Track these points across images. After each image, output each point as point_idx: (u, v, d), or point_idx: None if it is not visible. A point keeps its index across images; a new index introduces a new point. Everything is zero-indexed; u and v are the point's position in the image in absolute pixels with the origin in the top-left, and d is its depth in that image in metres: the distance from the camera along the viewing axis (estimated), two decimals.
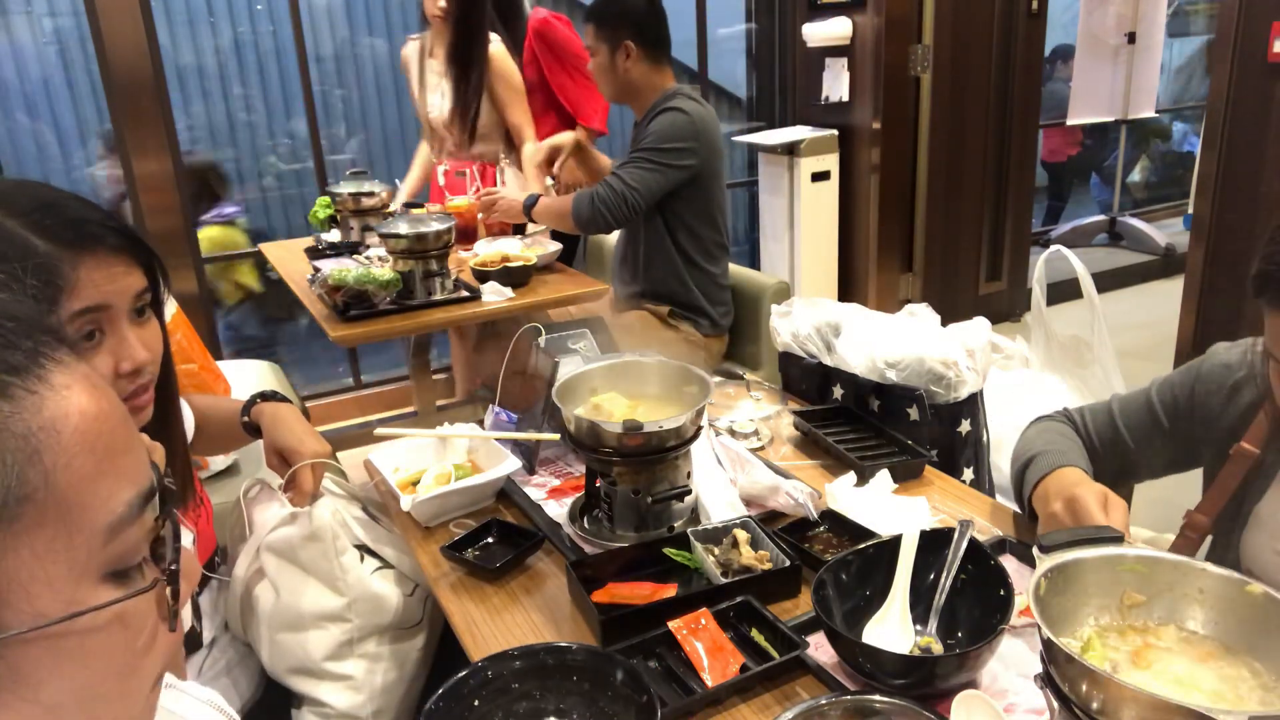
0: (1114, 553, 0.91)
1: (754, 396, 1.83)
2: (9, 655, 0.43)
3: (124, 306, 1.04)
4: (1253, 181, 3.01)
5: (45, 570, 0.44)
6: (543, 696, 1.01)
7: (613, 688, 1.00)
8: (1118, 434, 1.34)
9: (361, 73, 4.80)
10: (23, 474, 0.43)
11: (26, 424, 0.43)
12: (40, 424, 0.44)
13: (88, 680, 0.46)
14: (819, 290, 4.31)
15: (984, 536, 1.25)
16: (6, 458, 0.42)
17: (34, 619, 0.43)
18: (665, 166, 2.46)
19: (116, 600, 0.46)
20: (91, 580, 0.46)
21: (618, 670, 1.00)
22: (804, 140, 4.18)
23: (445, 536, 1.38)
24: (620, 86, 2.58)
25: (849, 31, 4.15)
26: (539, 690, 1.02)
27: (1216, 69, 3.07)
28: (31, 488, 0.43)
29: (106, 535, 0.46)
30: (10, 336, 0.45)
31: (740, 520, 1.30)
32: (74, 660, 0.45)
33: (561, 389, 1.38)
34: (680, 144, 2.46)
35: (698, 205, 2.55)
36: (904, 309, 1.83)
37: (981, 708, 0.94)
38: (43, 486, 0.43)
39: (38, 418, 0.44)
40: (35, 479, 0.43)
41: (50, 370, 0.46)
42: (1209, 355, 1.28)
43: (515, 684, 1.01)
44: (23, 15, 3.97)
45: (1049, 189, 6.64)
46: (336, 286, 2.31)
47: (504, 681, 1.01)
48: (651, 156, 2.47)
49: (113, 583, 0.47)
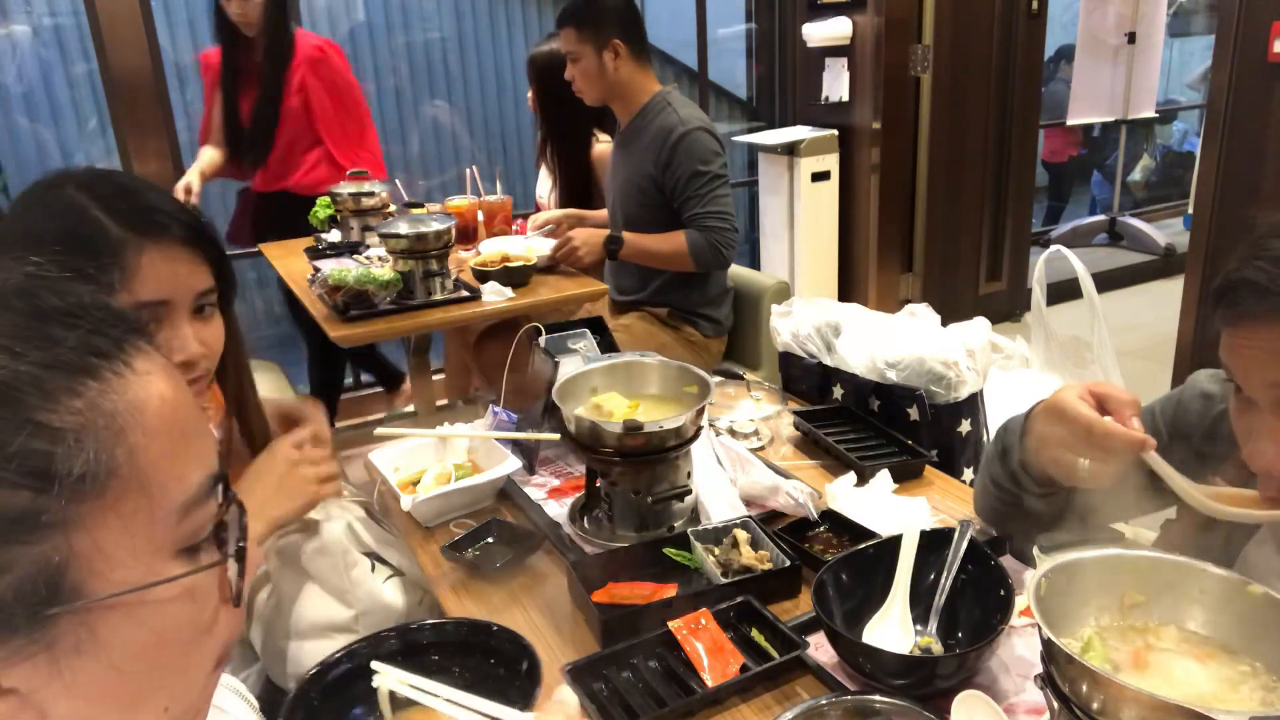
0: (1114, 553, 0.91)
1: (754, 396, 1.83)
2: (90, 619, 0.46)
3: (185, 303, 1.06)
4: (1253, 181, 3.01)
5: (128, 542, 0.47)
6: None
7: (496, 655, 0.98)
8: None
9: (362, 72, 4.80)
10: (110, 450, 0.46)
11: (114, 404, 0.47)
12: (125, 405, 0.48)
13: (157, 649, 0.50)
14: (819, 290, 4.31)
15: (984, 536, 1.25)
16: (99, 434, 0.46)
17: (116, 586, 0.47)
18: (725, 180, 2.49)
19: (191, 572, 0.50)
20: (165, 555, 0.49)
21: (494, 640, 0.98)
22: (804, 140, 4.18)
23: (445, 536, 1.38)
24: (608, 87, 2.54)
25: (849, 31, 4.15)
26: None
27: (1216, 69, 3.07)
28: (118, 464, 0.47)
29: (180, 513, 0.50)
30: (100, 324, 0.49)
31: (740, 520, 1.30)
32: (146, 628, 0.49)
33: (561, 389, 1.38)
34: (720, 160, 2.49)
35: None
36: (904, 309, 1.83)
37: (981, 708, 0.94)
38: (127, 463, 0.47)
39: (123, 399, 0.48)
40: (121, 456, 0.47)
41: (133, 356, 0.50)
42: (1189, 384, 1.19)
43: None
44: (23, 15, 3.97)
45: (1049, 189, 6.64)
46: (336, 286, 2.32)
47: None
48: (717, 180, 2.48)
49: (184, 559, 0.50)
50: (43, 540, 0.44)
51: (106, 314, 0.50)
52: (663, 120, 2.49)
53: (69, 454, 0.45)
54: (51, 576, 0.45)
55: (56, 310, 0.48)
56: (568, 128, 3.02)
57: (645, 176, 2.51)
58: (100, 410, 0.46)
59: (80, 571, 0.46)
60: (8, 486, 0.43)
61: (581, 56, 2.50)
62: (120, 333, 0.50)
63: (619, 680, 1.05)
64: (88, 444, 0.45)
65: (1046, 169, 6.42)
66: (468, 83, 5.10)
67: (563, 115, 2.98)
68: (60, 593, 0.45)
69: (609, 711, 1.00)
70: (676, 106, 2.50)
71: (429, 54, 4.98)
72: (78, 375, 0.47)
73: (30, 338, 0.46)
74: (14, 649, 0.45)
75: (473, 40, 5.08)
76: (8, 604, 0.44)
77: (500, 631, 0.98)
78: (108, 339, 0.49)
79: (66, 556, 0.45)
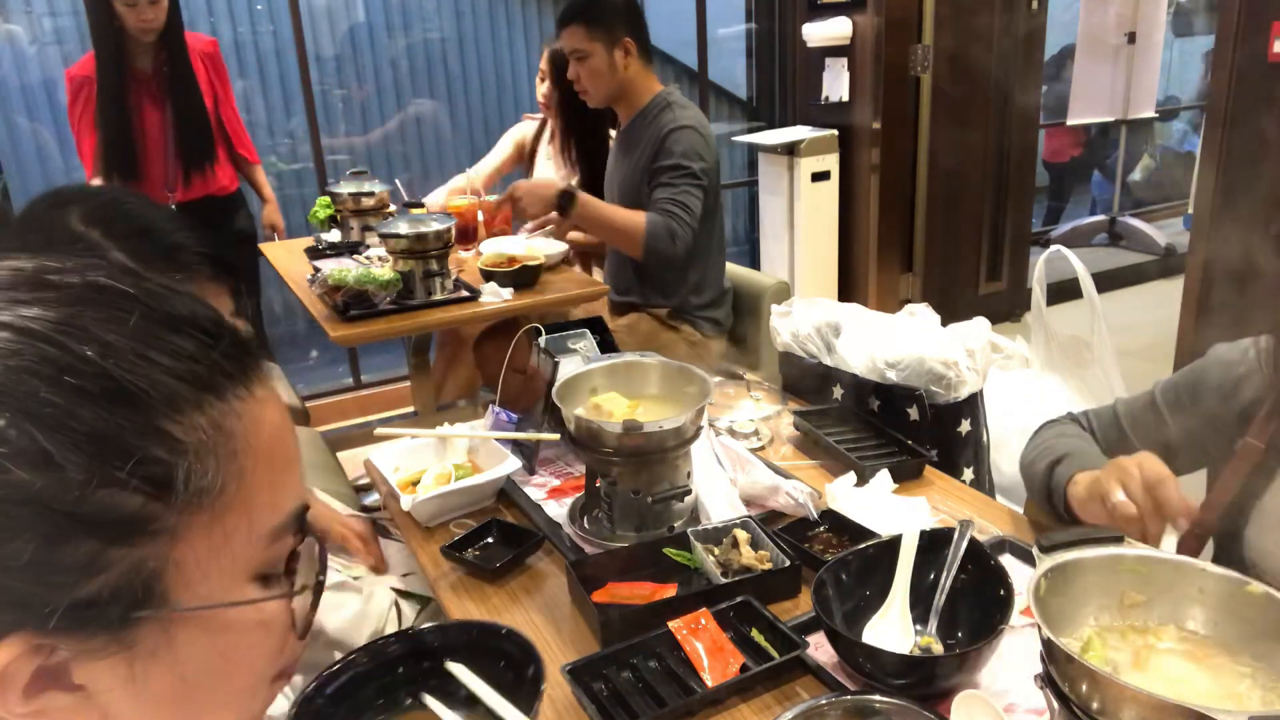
0: (1114, 553, 0.91)
1: (754, 396, 1.83)
2: (171, 628, 0.48)
3: None
4: (1252, 182, 3.00)
5: (219, 560, 0.49)
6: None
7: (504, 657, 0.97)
8: (1123, 436, 1.34)
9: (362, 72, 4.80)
10: (226, 469, 0.48)
11: (234, 425, 0.49)
12: (244, 428, 0.49)
13: (225, 666, 0.51)
14: (819, 290, 4.31)
15: (984, 536, 1.25)
16: (218, 453, 0.48)
17: (202, 600, 0.48)
18: (702, 187, 2.44)
19: (271, 597, 0.52)
20: (246, 577, 0.51)
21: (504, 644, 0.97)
22: (804, 140, 4.18)
23: (445, 536, 1.38)
24: (616, 87, 2.52)
25: (849, 31, 4.15)
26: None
27: (1216, 69, 3.07)
28: (228, 483, 0.48)
29: (269, 539, 0.51)
30: (232, 346, 0.50)
31: (740, 520, 1.30)
32: (220, 644, 0.50)
33: (561, 389, 1.38)
34: (705, 163, 2.44)
35: (704, 209, 2.54)
36: (904, 309, 1.83)
37: (981, 708, 0.94)
38: (235, 484, 0.49)
39: (243, 422, 0.49)
40: (232, 476, 0.48)
41: (255, 382, 0.51)
42: (1209, 355, 1.28)
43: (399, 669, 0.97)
44: (23, 15, 3.97)
45: (1049, 189, 6.64)
46: (336, 286, 2.32)
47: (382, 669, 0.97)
48: (694, 180, 2.42)
49: (260, 585, 0.52)
50: (147, 545, 0.45)
51: (236, 336, 0.51)
52: (661, 118, 2.49)
53: (188, 468, 0.46)
54: (147, 581, 0.46)
55: (186, 321, 0.49)
56: (592, 123, 3.00)
57: (642, 174, 2.51)
58: (223, 430, 0.48)
59: (173, 580, 0.47)
60: (125, 489, 0.44)
61: (591, 55, 2.46)
62: (249, 358, 0.52)
63: (619, 680, 1.05)
64: (207, 461, 0.47)
65: (1046, 169, 6.41)
66: (468, 83, 5.10)
67: (586, 110, 2.88)
68: (152, 597, 0.46)
69: (609, 711, 1.00)
70: (676, 106, 2.50)
71: (429, 54, 4.97)
72: (207, 392, 0.48)
73: (162, 346, 0.47)
74: (96, 646, 0.46)
75: (473, 40, 5.08)
76: (102, 601, 0.45)
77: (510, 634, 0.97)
78: (237, 362, 0.50)
79: (164, 564, 0.46)
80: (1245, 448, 1.20)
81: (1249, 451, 1.19)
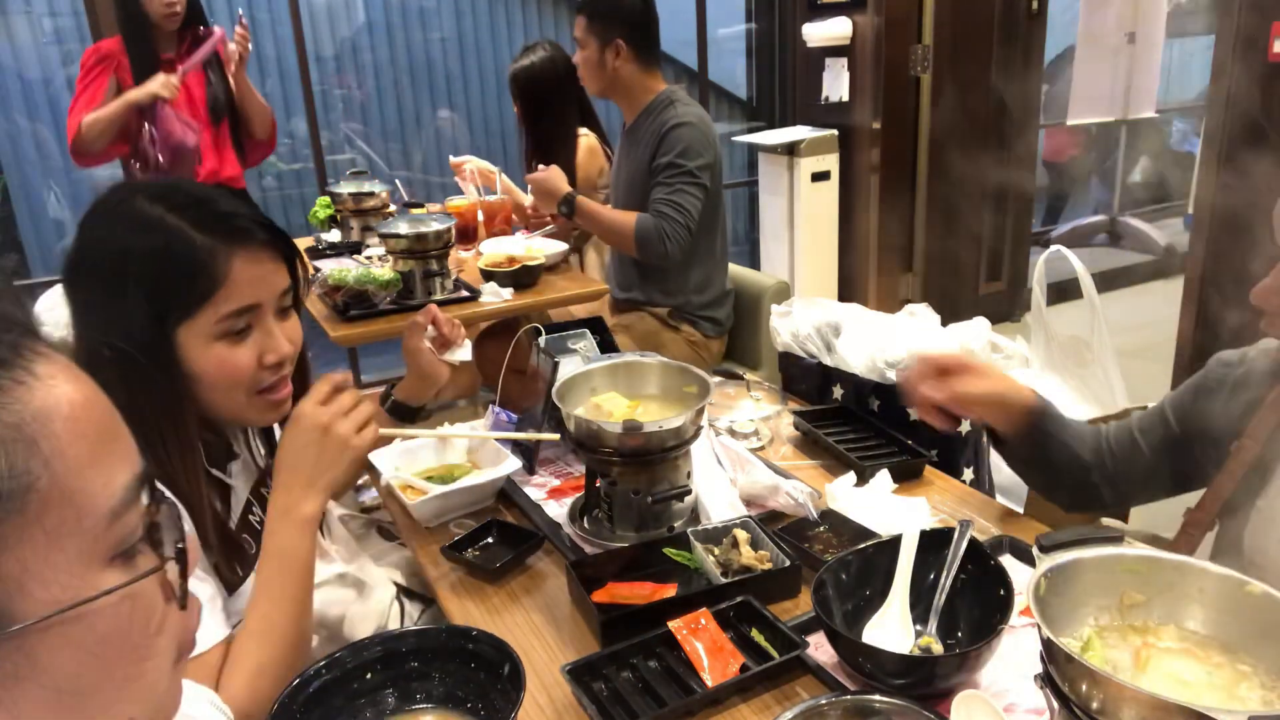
0: (1114, 553, 0.91)
1: (754, 396, 1.83)
2: (25, 644, 0.44)
3: (272, 304, 1.09)
4: (1252, 181, 3.00)
5: (56, 557, 0.44)
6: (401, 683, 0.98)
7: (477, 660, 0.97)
8: (1135, 443, 1.34)
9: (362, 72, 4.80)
10: (23, 463, 0.43)
11: (18, 414, 0.44)
12: (32, 413, 0.44)
13: (101, 663, 0.47)
14: (819, 290, 4.31)
15: (984, 536, 1.25)
16: (7, 448, 0.43)
17: (49, 606, 0.44)
18: (701, 185, 2.46)
19: (128, 583, 0.47)
20: (98, 565, 0.47)
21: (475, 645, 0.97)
22: (804, 140, 4.18)
23: (445, 537, 1.38)
24: (607, 83, 2.56)
25: (849, 31, 4.15)
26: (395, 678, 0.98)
27: (1216, 69, 3.07)
28: (34, 476, 0.44)
29: (109, 519, 0.47)
30: None
31: (740, 520, 1.30)
32: (87, 644, 0.46)
33: (561, 389, 1.38)
34: (704, 160, 2.46)
35: (705, 209, 2.54)
36: (904, 309, 1.83)
37: (981, 708, 0.94)
38: (44, 474, 0.44)
39: (28, 408, 0.44)
40: (36, 467, 0.44)
41: (34, 361, 0.46)
42: (1210, 361, 1.30)
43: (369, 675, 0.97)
44: (23, 15, 3.97)
45: (1049, 189, 6.63)
46: (336, 286, 2.32)
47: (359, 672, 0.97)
48: (692, 179, 2.44)
49: (119, 566, 0.48)
50: None
51: (0, 321, 0.46)
52: (663, 115, 2.50)
53: None
54: None
55: None
56: (554, 139, 3.04)
57: (644, 171, 2.52)
58: (3, 423, 0.43)
59: (8, 595, 0.43)
60: None
61: (585, 46, 2.53)
62: (15, 337, 0.46)
63: (619, 680, 1.05)
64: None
65: (1046, 169, 6.41)
66: (468, 83, 5.10)
67: (547, 128, 3.03)
68: None
69: (609, 711, 1.00)
70: (679, 103, 2.51)
71: (429, 54, 4.98)
72: None
73: None
74: None
75: (473, 40, 5.08)
76: None
77: (480, 636, 0.97)
78: (3, 345, 0.45)
79: None
80: (1242, 447, 1.20)
81: (1246, 451, 1.20)
